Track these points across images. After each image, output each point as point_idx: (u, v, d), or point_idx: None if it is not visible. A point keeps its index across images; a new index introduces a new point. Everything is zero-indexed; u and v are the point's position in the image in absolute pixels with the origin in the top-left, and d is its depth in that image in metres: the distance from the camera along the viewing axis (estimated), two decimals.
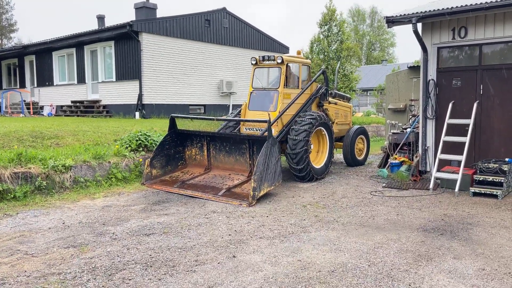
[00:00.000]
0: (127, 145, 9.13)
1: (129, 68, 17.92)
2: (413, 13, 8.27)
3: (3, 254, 4.63)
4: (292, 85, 9.39)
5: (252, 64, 9.52)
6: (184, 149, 8.77)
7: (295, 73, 9.51)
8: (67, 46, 20.43)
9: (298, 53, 10.26)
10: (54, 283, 3.92)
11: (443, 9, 7.98)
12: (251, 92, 9.38)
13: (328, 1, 29.21)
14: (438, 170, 8.22)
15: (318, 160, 9.32)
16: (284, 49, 23.61)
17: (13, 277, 4.05)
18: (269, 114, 7.56)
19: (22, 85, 23.73)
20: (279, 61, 9.04)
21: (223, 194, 7.28)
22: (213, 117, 8.81)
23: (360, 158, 11.35)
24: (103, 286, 3.87)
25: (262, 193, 7.05)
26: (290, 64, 9.26)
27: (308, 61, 10.03)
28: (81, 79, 20.31)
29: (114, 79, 18.71)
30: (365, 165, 11.41)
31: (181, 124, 9.38)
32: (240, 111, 9.61)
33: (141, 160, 8.89)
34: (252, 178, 6.92)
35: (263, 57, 9.40)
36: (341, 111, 11.03)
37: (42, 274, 4.11)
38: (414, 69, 12.08)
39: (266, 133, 7.36)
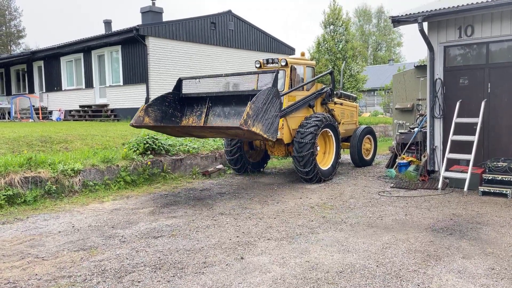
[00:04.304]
0: (135, 149, 9.19)
1: (136, 72, 18.06)
2: (419, 13, 8.24)
3: (14, 258, 4.69)
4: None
5: (256, 67, 9.54)
6: (182, 116, 8.51)
7: (300, 75, 9.51)
8: (75, 51, 20.65)
9: (302, 54, 10.27)
10: (65, 286, 3.97)
11: (449, 7, 7.95)
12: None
13: (331, 1, 29.05)
14: (446, 170, 8.17)
15: (325, 162, 9.30)
16: (290, 50, 23.63)
17: (24, 280, 4.11)
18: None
19: (31, 91, 24.02)
20: (283, 63, 9.05)
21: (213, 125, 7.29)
22: (221, 74, 8.55)
23: (368, 158, 11.31)
24: None
25: (253, 128, 6.57)
26: (294, 66, 9.26)
27: (313, 62, 10.02)
28: (89, 84, 20.51)
29: (121, 83, 18.86)
30: (372, 165, 11.37)
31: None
32: None
33: (149, 163, 8.95)
34: (248, 104, 6.45)
35: (267, 60, 9.41)
36: (347, 111, 11.01)
37: (53, 277, 4.16)
38: (421, 68, 12.03)
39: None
